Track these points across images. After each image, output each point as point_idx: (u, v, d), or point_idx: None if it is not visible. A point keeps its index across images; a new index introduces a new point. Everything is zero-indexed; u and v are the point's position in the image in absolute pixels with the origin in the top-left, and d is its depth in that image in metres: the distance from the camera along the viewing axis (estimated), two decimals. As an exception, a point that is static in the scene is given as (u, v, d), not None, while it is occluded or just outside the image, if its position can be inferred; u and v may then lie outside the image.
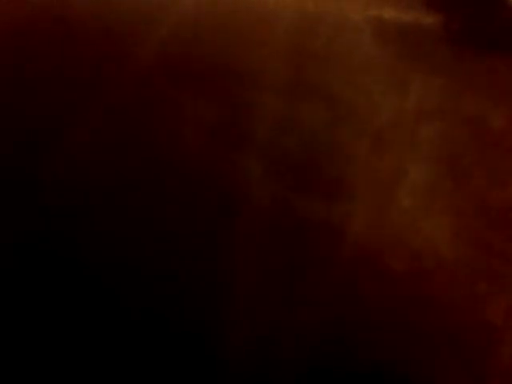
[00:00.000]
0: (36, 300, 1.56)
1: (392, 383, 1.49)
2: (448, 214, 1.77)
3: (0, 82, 2.05)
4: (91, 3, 2.38)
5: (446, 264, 1.66)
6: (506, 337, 1.54)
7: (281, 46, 2.29)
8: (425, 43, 2.27)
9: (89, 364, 1.47)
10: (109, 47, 2.26)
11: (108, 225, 1.73)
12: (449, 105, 2.07)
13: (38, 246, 1.67)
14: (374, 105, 2.08)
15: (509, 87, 2.09)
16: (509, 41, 2.19)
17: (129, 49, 2.24)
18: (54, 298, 1.57)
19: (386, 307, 1.59)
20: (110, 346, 1.50)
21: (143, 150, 1.91)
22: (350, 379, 1.50)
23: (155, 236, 1.71)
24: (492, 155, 1.91)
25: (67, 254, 1.65)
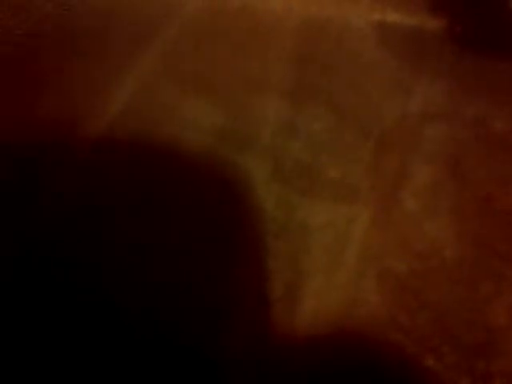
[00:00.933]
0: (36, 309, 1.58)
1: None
2: (451, 216, 1.77)
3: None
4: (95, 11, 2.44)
5: (450, 264, 1.66)
6: (508, 337, 1.53)
7: (286, 51, 2.30)
8: (428, 47, 2.27)
9: (89, 372, 1.48)
10: (116, 47, 2.30)
11: (109, 226, 1.74)
12: (452, 107, 2.07)
13: (38, 254, 1.69)
14: (378, 108, 2.09)
15: (511, 89, 2.09)
16: (510, 43, 2.20)
17: (134, 52, 2.27)
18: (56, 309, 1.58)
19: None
20: (108, 347, 1.51)
21: (148, 152, 1.94)
22: None
23: (158, 237, 1.72)
24: (495, 157, 1.91)
25: (67, 258, 1.67)
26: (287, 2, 2.46)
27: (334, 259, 1.69)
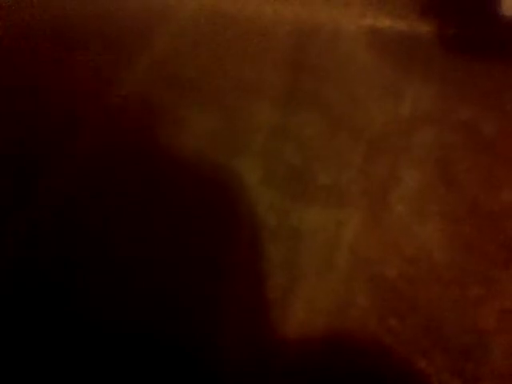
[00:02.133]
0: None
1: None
2: (441, 219, 1.78)
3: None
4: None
5: (440, 268, 1.67)
6: (497, 340, 1.54)
7: (278, 57, 2.31)
8: (419, 51, 2.28)
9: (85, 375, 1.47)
10: (111, 51, 2.31)
11: (103, 230, 1.76)
12: (442, 111, 2.08)
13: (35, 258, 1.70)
14: (369, 112, 2.10)
15: (500, 93, 2.10)
16: (500, 48, 2.21)
17: (128, 57, 2.28)
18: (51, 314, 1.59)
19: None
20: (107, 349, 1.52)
21: (142, 157, 1.94)
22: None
23: (153, 241, 1.74)
24: (484, 160, 1.92)
25: (67, 258, 1.68)
26: (279, 7, 2.47)
27: (325, 263, 1.69)
